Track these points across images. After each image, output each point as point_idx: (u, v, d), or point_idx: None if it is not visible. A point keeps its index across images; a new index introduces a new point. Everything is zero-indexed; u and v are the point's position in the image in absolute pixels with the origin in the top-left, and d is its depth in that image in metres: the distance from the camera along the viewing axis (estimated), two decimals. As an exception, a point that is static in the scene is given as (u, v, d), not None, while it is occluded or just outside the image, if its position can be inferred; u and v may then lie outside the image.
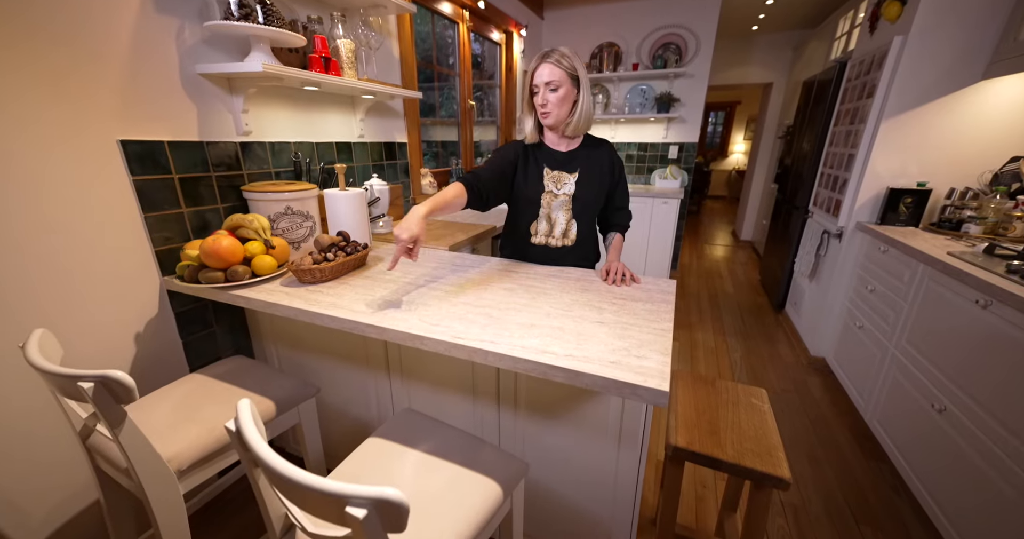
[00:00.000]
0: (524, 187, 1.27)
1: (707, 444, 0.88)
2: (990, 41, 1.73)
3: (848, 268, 2.16)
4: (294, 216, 1.30)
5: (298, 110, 1.49)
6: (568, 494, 1.05)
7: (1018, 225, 1.66)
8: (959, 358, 1.29)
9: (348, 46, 1.38)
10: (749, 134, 8.62)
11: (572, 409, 0.98)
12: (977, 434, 1.17)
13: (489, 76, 3.18)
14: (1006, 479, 1.06)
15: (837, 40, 3.26)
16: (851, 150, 2.18)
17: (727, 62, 4.67)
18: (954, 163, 1.92)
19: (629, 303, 0.99)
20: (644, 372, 0.69)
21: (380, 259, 1.36)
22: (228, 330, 1.39)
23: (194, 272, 1.07)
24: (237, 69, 1.12)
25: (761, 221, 4.80)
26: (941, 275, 1.42)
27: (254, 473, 0.64)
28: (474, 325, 0.88)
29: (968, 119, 1.85)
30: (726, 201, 8.89)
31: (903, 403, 1.55)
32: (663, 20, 3.38)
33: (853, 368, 2.00)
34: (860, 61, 2.26)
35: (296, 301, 1.01)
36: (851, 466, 1.62)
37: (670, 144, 3.67)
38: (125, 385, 0.71)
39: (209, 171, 1.24)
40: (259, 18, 1.11)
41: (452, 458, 0.83)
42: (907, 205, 1.96)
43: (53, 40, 0.91)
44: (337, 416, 1.37)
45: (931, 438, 1.36)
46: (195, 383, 1.09)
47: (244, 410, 0.62)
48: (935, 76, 1.84)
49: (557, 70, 1.13)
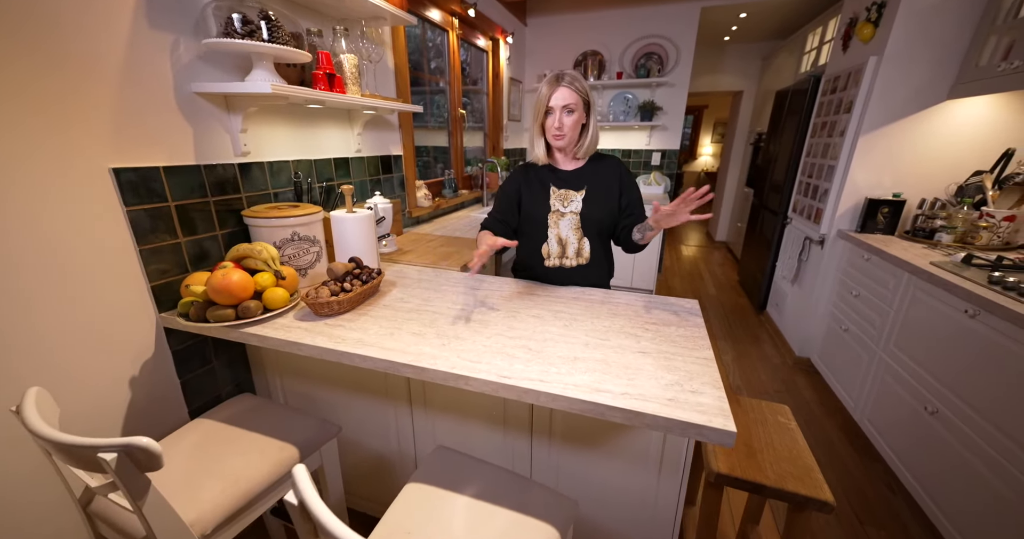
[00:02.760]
0: (531, 208, 1.29)
1: (748, 469, 0.89)
2: (954, 65, 1.87)
3: (831, 273, 2.28)
4: (300, 242, 1.23)
5: (296, 127, 1.41)
6: (604, 523, 1.05)
7: (984, 234, 1.80)
8: (950, 363, 1.38)
9: (352, 61, 1.32)
10: (716, 137, 8.98)
11: (610, 438, 0.97)
12: (971, 435, 1.26)
13: (473, 82, 3.14)
14: (1001, 478, 1.14)
15: (806, 54, 3.44)
16: (830, 161, 2.30)
17: (699, 70, 4.83)
18: (924, 176, 2.06)
19: (663, 328, 1.00)
20: (705, 410, 0.69)
21: (394, 284, 1.30)
22: (227, 365, 1.30)
23: (201, 310, 0.99)
24: (242, 89, 1.04)
25: (736, 223, 5.00)
26: (927, 284, 1.52)
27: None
28: (516, 360, 0.85)
29: (935, 136, 1.99)
30: (697, 202, 9.18)
31: (894, 404, 1.64)
32: (645, 30, 3.46)
33: (840, 369, 2.11)
34: (835, 77, 2.39)
35: (319, 339, 0.95)
36: (848, 466, 1.70)
37: (653, 151, 3.76)
38: (152, 453, 0.64)
39: (207, 196, 1.15)
40: (264, 35, 1.04)
41: (502, 502, 0.81)
42: (884, 214, 2.09)
43: (44, 63, 0.81)
44: (355, 452, 1.31)
45: (925, 439, 1.45)
46: (204, 429, 1.00)
47: (303, 478, 0.57)
48: (906, 95, 1.97)
49: (574, 94, 1.14)
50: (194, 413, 1.21)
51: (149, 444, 0.63)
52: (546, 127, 1.20)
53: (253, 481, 0.88)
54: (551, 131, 1.19)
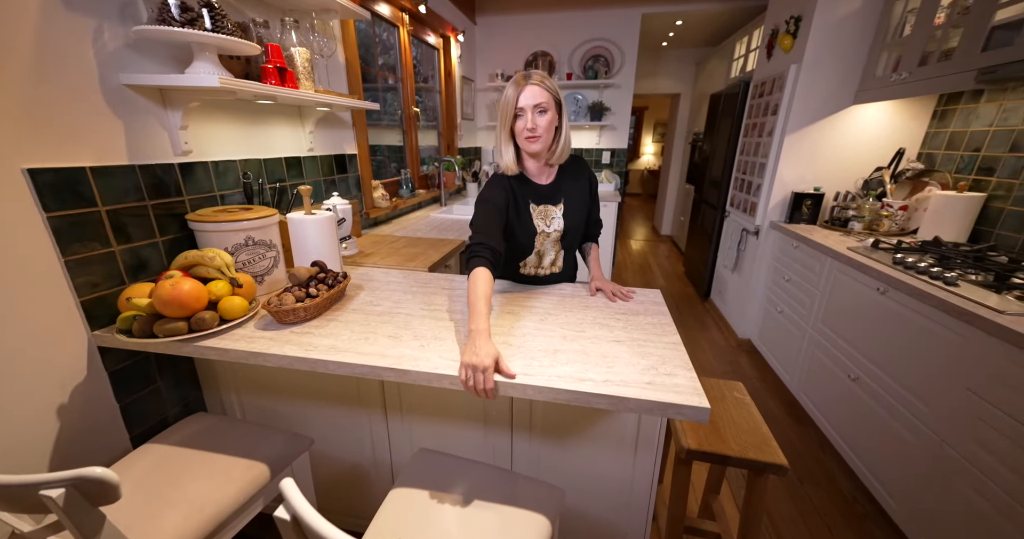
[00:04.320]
0: (517, 228, 1.19)
1: (714, 443, 0.97)
2: (857, 74, 2.14)
3: (766, 261, 2.52)
4: (256, 247, 1.15)
5: (243, 124, 1.31)
6: (585, 506, 1.09)
7: (886, 222, 2.08)
8: (867, 335, 1.58)
9: (304, 55, 1.25)
10: (657, 137, 9.53)
11: (589, 426, 1.01)
12: (883, 394, 1.46)
13: (424, 80, 3.09)
14: (908, 429, 1.34)
15: (735, 60, 3.74)
16: (761, 159, 2.53)
17: (640, 73, 5.09)
18: (838, 171, 2.33)
19: (631, 317, 1.06)
20: (681, 390, 0.75)
21: (360, 288, 1.26)
22: (174, 384, 1.18)
23: (147, 324, 0.89)
24: (183, 83, 0.95)
25: (679, 217, 5.34)
26: (846, 267, 1.73)
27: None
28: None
29: (845, 136, 2.26)
30: (642, 198, 9.70)
31: (822, 375, 1.86)
32: (591, 33, 3.58)
33: (776, 347, 2.34)
34: (761, 82, 2.63)
35: (287, 348, 0.90)
36: (787, 434, 1.90)
37: (603, 150, 3.92)
38: (108, 483, 0.58)
39: (144, 199, 1.04)
40: (206, 24, 0.96)
41: (492, 498, 0.82)
42: (807, 206, 2.34)
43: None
44: (327, 465, 1.25)
45: (848, 402, 1.65)
46: (155, 455, 0.91)
47: (292, 489, 0.54)
48: (821, 100, 2.22)
49: (545, 92, 1.06)
50: (137, 440, 1.09)
51: (104, 474, 0.57)
52: (517, 131, 1.10)
53: (221, 505, 0.82)
54: (523, 134, 1.09)
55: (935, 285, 1.29)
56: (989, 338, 1.07)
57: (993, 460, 1.04)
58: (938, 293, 1.24)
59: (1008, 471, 1.00)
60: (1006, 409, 1.02)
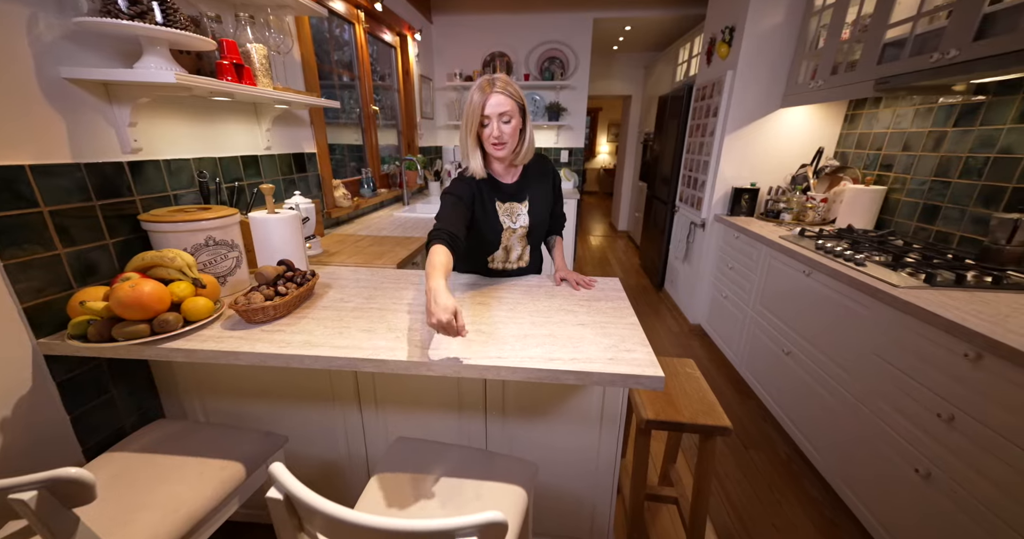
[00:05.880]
0: (484, 225, 1.24)
1: (670, 413, 1.08)
2: (783, 80, 2.38)
3: (712, 251, 2.73)
4: (217, 247, 1.12)
5: (197, 122, 1.27)
6: (556, 482, 1.17)
7: (810, 213, 2.34)
8: (797, 312, 1.79)
9: (261, 51, 1.23)
10: (611, 137, 9.90)
11: (558, 404, 1.09)
12: (811, 365, 1.65)
13: (382, 78, 3.06)
14: (832, 395, 1.53)
15: (680, 65, 4.00)
16: (705, 157, 2.74)
17: (594, 75, 5.29)
18: (770, 168, 2.58)
19: (594, 303, 1.14)
20: (639, 363, 0.84)
21: (329, 286, 1.26)
22: (130, 392, 1.13)
23: (104, 328, 0.86)
24: (134, 78, 0.92)
25: (634, 213, 5.61)
26: (778, 254, 1.93)
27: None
28: (473, 343, 0.92)
29: (775, 136, 2.51)
30: (599, 195, 10.03)
31: (761, 352, 2.06)
32: (546, 36, 3.69)
33: (723, 330, 2.55)
34: (703, 86, 2.85)
35: (260, 345, 0.90)
36: (734, 407, 2.09)
37: (561, 149, 4.05)
38: (83, 483, 0.57)
39: (91, 200, 0.99)
40: (157, 17, 0.93)
41: (470, 475, 0.87)
42: (745, 200, 2.57)
43: None
44: (299, 463, 1.24)
45: (783, 374, 1.86)
46: (118, 463, 0.88)
47: (282, 471, 0.57)
48: (754, 102, 2.45)
49: (509, 100, 1.09)
50: (91, 452, 1.04)
51: (80, 474, 0.57)
52: (483, 137, 1.14)
53: (196, 504, 0.81)
54: (490, 141, 1.13)
55: (848, 266, 1.49)
56: (888, 309, 1.26)
57: (893, 411, 1.23)
58: (850, 273, 1.43)
59: (903, 418, 1.19)
60: (902, 368, 1.21)
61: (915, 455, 1.14)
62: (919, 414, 1.14)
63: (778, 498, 1.52)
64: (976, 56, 1.21)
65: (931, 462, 1.09)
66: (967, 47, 1.25)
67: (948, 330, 1.05)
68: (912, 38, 1.48)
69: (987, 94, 1.54)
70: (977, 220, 1.57)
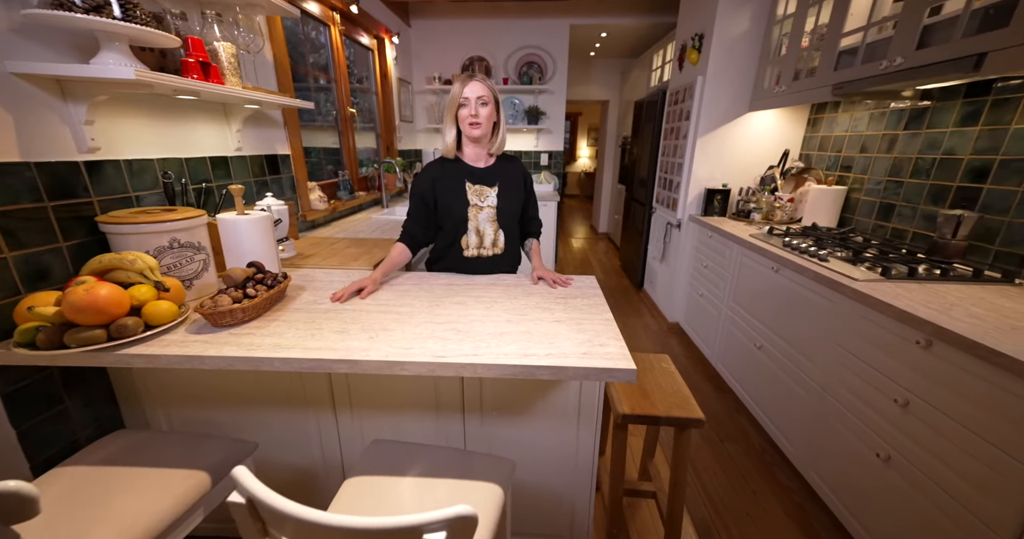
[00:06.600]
0: (450, 201, 1.33)
1: (645, 407, 1.10)
2: (750, 85, 2.48)
3: (687, 251, 2.80)
4: (182, 249, 1.08)
5: (162, 121, 1.23)
6: (535, 479, 1.17)
7: (778, 213, 2.43)
8: (767, 308, 1.85)
9: (229, 50, 1.20)
10: (591, 141, 10.06)
11: (535, 402, 1.09)
12: (780, 358, 1.71)
13: (359, 81, 3.03)
14: (800, 385, 1.59)
15: (654, 71, 4.11)
16: (679, 160, 2.82)
17: (573, 80, 5.37)
18: (740, 169, 2.67)
19: (571, 300, 1.16)
20: (612, 357, 0.85)
21: (302, 288, 1.23)
22: (85, 403, 1.08)
23: (55, 335, 0.82)
24: (91, 74, 0.88)
25: (614, 216, 5.70)
26: (749, 251, 2.00)
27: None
28: (448, 342, 0.91)
29: (745, 139, 2.60)
30: (580, 199, 10.16)
31: (735, 347, 2.12)
32: (524, 41, 3.74)
33: (699, 327, 2.61)
34: (676, 91, 2.93)
35: (227, 349, 0.87)
36: (709, 401, 2.14)
37: (541, 152, 4.09)
38: (23, 497, 0.54)
39: (43, 200, 0.94)
40: (115, 12, 0.90)
41: (446, 474, 0.86)
42: (718, 201, 2.65)
43: None
44: (272, 472, 1.20)
45: (755, 368, 1.91)
46: (71, 477, 0.83)
47: (245, 474, 0.55)
48: (723, 107, 2.54)
49: (486, 89, 1.24)
50: (40, 468, 0.98)
51: (20, 487, 0.54)
52: (461, 118, 1.26)
53: (155, 517, 0.77)
54: (467, 120, 1.25)
55: (812, 262, 1.56)
56: (848, 301, 1.32)
57: (855, 398, 1.29)
58: (814, 268, 1.49)
59: (864, 405, 1.25)
60: (862, 356, 1.27)
61: (876, 440, 1.20)
62: (878, 400, 1.19)
63: (752, 488, 1.56)
64: (919, 63, 1.29)
65: (890, 446, 1.14)
66: (911, 55, 1.33)
67: (900, 319, 1.10)
68: (864, 46, 1.57)
69: (932, 99, 1.65)
70: (927, 217, 1.67)
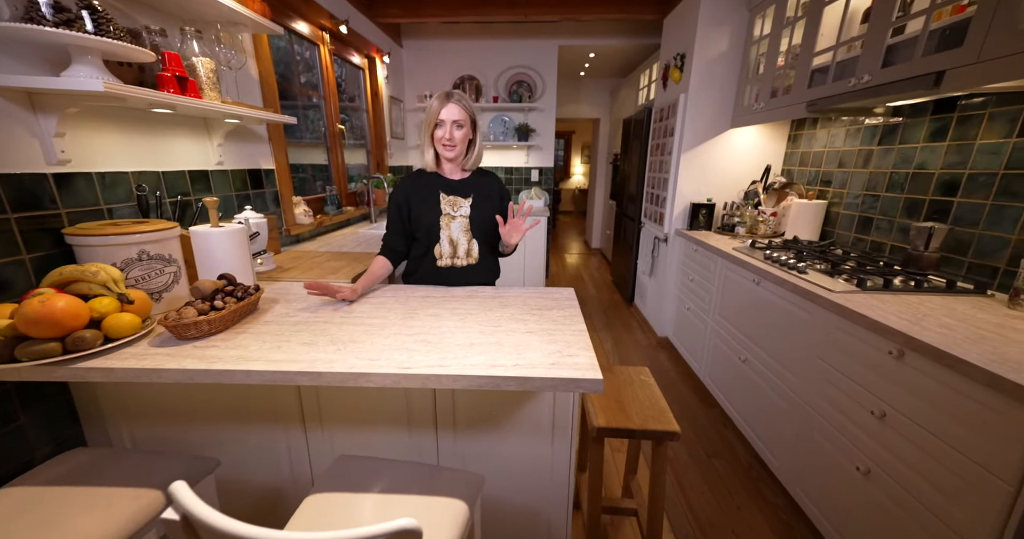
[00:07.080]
0: (423, 211, 1.36)
1: (621, 420, 1.08)
2: (731, 103, 2.54)
3: (674, 265, 2.81)
4: (152, 262, 1.07)
5: (137, 134, 1.23)
6: (510, 496, 1.13)
7: (762, 227, 2.45)
8: (750, 321, 1.84)
9: (208, 65, 1.22)
10: (585, 158, 10.23)
11: (508, 417, 1.07)
12: (764, 371, 1.70)
13: (350, 99, 3.08)
14: (783, 398, 1.57)
15: (641, 90, 4.21)
16: (665, 175, 2.86)
17: (564, 99, 5.51)
18: (724, 184, 2.71)
19: (546, 312, 1.15)
20: (580, 367, 0.84)
21: (275, 301, 1.22)
22: (43, 420, 1.04)
23: (5, 349, 0.79)
24: (59, 86, 0.89)
25: (606, 231, 5.74)
26: (732, 265, 2.01)
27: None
28: (416, 353, 0.90)
29: (728, 154, 2.65)
30: (574, 215, 10.25)
31: (721, 360, 2.11)
32: (514, 60, 3.83)
33: (687, 341, 2.60)
34: (661, 108, 3.00)
35: (187, 362, 0.85)
36: (697, 416, 2.11)
37: (532, 168, 4.14)
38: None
39: (5, 212, 0.93)
40: (87, 26, 0.91)
41: (410, 491, 0.83)
42: (703, 215, 2.68)
43: None
44: (238, 490, 1.16)
45: (740, 381, 1.90)
46: (15, 499, 0.80)
47: (182, 490, 0.53)
48: (706, 123, 2.59)
49: (463, 111, 1.27)
50: (-7, 489, 0.94)
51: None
52: (436, 137, 1.30)
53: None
54: (441, 141, 1.30)
55: (792, 274, 1.56)
56: (826, 313, 1.32)
57: (835, 411, 1.27)
58: (794, 280, 1.50)
59: (843, 417, 1.23)
60: (840, 368, 1.26)
61: (855, 453, 1.18)
62: (856, 412, 1.18)
63: (738, 504, 1.52)
64: (885, 81, 1.33)
65: (869, 459, 1.12)
66: (878, 73, 1.37)
67: (874, 329, 1.10)
68: (834, 65, 1.62)
69: (903, 116, 1.69)
70: (903, 229, 1.69)
